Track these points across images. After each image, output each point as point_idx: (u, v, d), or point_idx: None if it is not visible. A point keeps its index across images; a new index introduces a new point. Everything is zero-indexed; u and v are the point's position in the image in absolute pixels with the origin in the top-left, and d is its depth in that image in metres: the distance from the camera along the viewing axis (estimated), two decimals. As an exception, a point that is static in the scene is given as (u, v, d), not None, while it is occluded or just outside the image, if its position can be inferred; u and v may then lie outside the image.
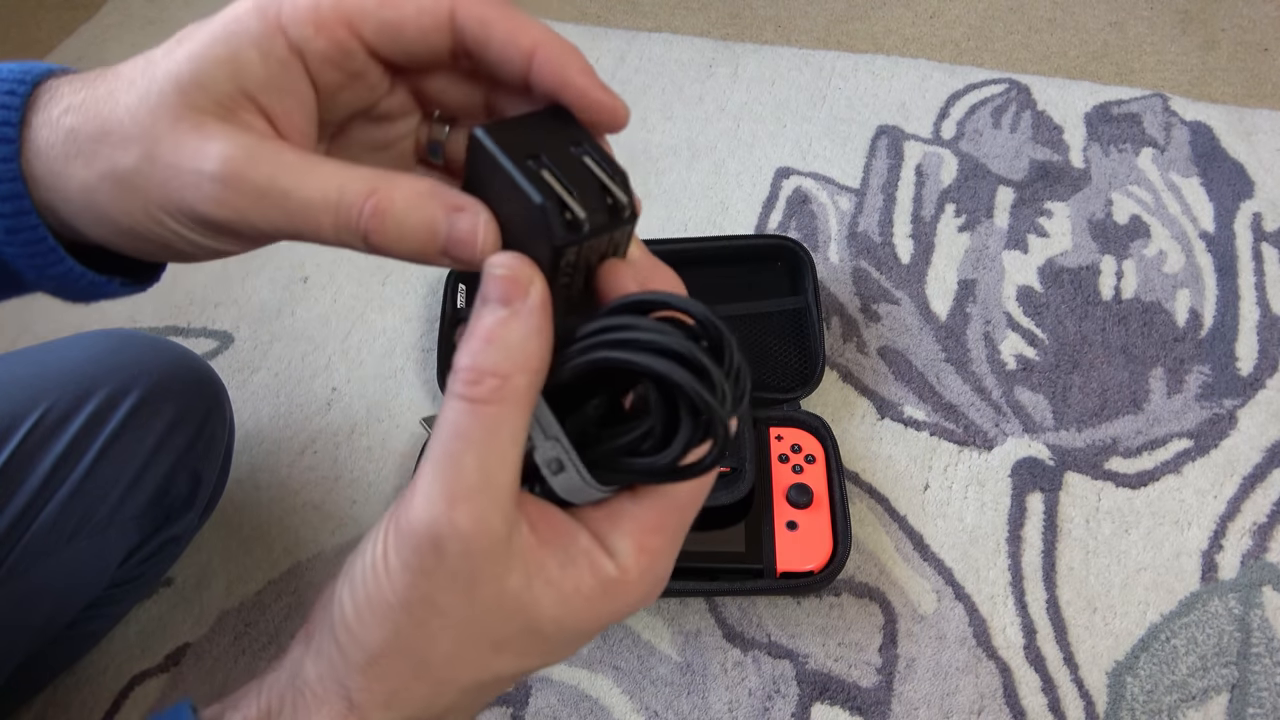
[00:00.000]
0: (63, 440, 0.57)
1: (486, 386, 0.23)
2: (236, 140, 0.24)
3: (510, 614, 0.25)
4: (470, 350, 0.24)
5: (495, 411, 0.23)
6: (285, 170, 0.24)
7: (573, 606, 0.25)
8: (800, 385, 0.79)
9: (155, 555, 0.67)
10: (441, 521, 0.23)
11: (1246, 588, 0.70)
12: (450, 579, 0.24)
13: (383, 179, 0.25)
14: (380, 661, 0.25)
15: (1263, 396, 0.80)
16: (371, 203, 0.24)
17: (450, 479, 0.23)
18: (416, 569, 0.24)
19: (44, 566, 0.56)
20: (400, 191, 0.24)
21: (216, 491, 0.73)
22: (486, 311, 0.24)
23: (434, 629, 0.24)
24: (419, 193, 0.25)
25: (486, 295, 0.24)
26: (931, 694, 0.67)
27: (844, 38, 1.17)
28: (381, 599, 0.24)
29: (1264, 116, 1.02)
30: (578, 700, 0.68)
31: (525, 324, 0.24)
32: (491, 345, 0.24)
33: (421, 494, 0.23)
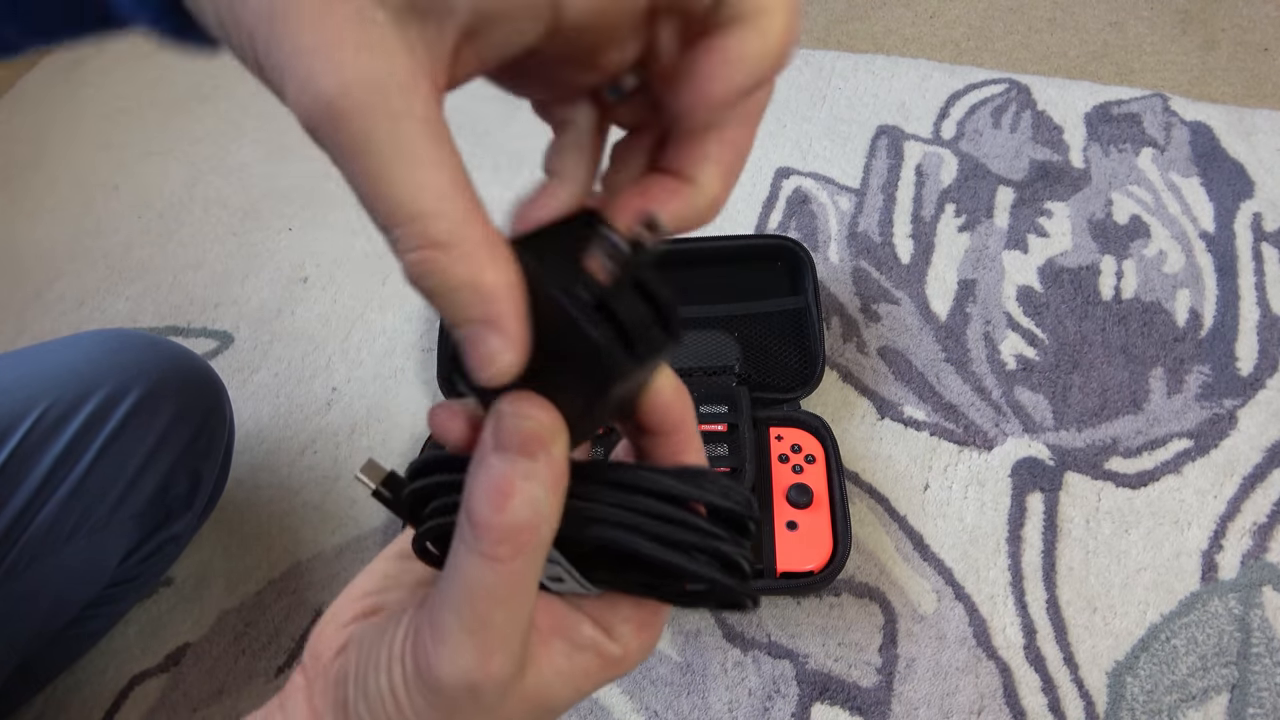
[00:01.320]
0: (62, 440, 0.57)
1: (510, 545, 0.23)
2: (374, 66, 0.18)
3: (528, 706, 0.26)
4: (492, 505, 0.22)
5: (519, 568, 0.23)
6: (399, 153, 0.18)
7: (579, 686, 0.26)
8: (800, 385, 0.79)
9: (154, 555, 0.67)
10: (476, 674, 0.24)
11: (1246, 588, 0.70)
12: (483, 709, 0.25)
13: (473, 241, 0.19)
14: None
15: (1263, 396, 0.80)
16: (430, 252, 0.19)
17: (481, 637, 0.23)
18: (448, 711, 0.24)
19: (43, 566, 0.56)
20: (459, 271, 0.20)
21: (216, 491, 0.73)
22: (504, 461, 0.22)
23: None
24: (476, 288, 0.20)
25: (503, 442, 0.22)
26: (931, 694, 0.67)
27: (844, 38, 1.17)
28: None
29: (1264, 116, 1.02)
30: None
31: (548, 477, 0.23)
32: (513, 503, 0.22)
33: (450, 649, 0.23)
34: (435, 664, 0.24)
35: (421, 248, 0.19)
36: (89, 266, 0.99)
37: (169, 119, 1.15)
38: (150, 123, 1.14)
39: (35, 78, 1.21)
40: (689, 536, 0.24)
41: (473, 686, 0.24)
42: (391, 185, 0.18)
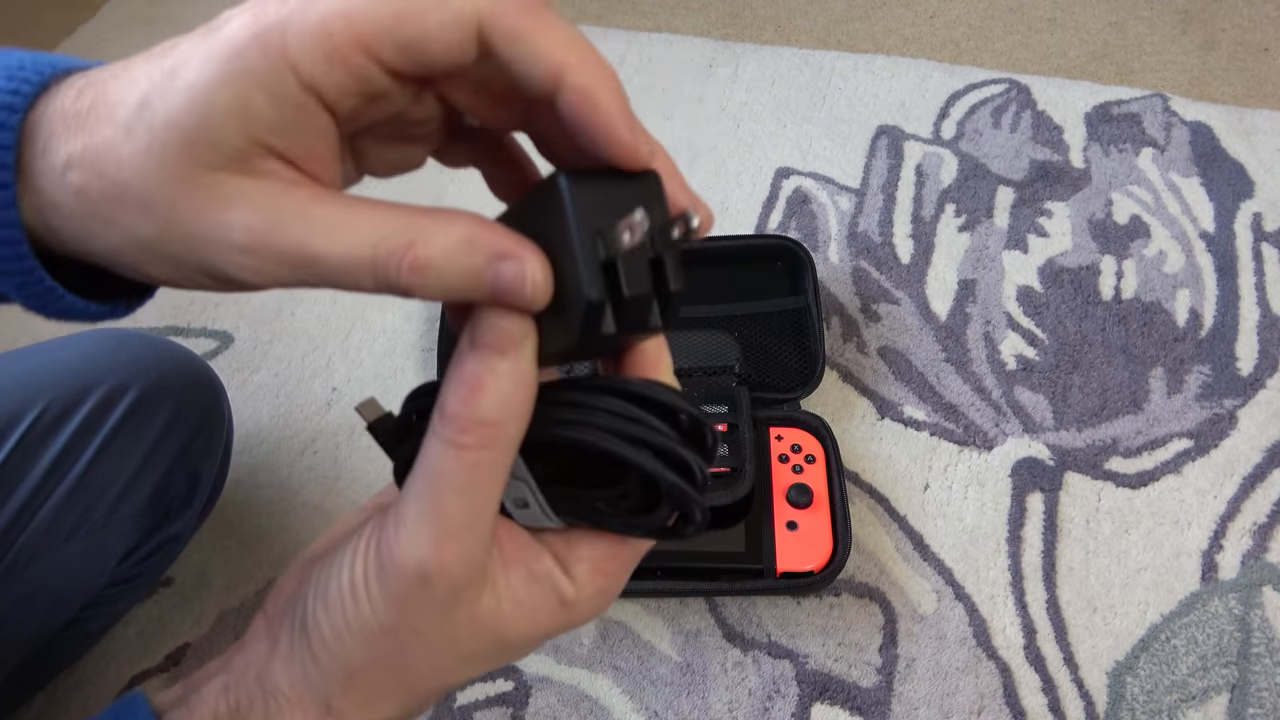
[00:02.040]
0: (61, 439, 0.57)
1: (475, 435, 0.24)
2: (258, 202, 0.22)
3: (482, 633, 0.26)
4: (460, 396, 0.23)
5: (481, 458, 0.24)
6: (315, 233, 0.22)
7: (535, 621, 0.27)
8: (800, 385, 0.79)
9: (154, 555, 0.67)
10: (430, 562, 0.24)
11: (1246, 588, 0.70)
12: (435, 609, 0.25)
13: (419, 227, 0.23)
14: (359, 676, 0.26)
15: (1263, 396, 0.80)
16: (409, 259, 0.22)
17: (437, 523, 0.24)
18: (401, 601, 0.25)
19: (42, 565, 0.56)
20: (438, 243, 0.22)
21: (215, 491, 0.73)
22: (477, 358, 0.24)
23: (413, 651, 0.26)
24: (459, 241, 0.23)
25: (478, 340, 0.24)
26: (931, 694, 0.67)
27: (844, 38, 1.17)
28: (362, 624, 0.26)
29: (1264, 116, 1.02)
30: (578, 700, 0.68)
31: (517, 376, 0.24)
32: (482, 394, 0.23)
33: (408, 533, 0.24)
34: (394, 548, 0.24)
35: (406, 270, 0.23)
36: (89, 266, 0.99)
37: (169, 119, 1.15)
38: (150, 122, 1.15)
39: (35, 77, 1.21)
40: (641, 432, 0.25)
41: (424, 575, 0.24)
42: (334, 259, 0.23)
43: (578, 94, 0.22)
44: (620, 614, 0.72)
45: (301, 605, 0.27)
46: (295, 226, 0.22)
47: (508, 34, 0.22)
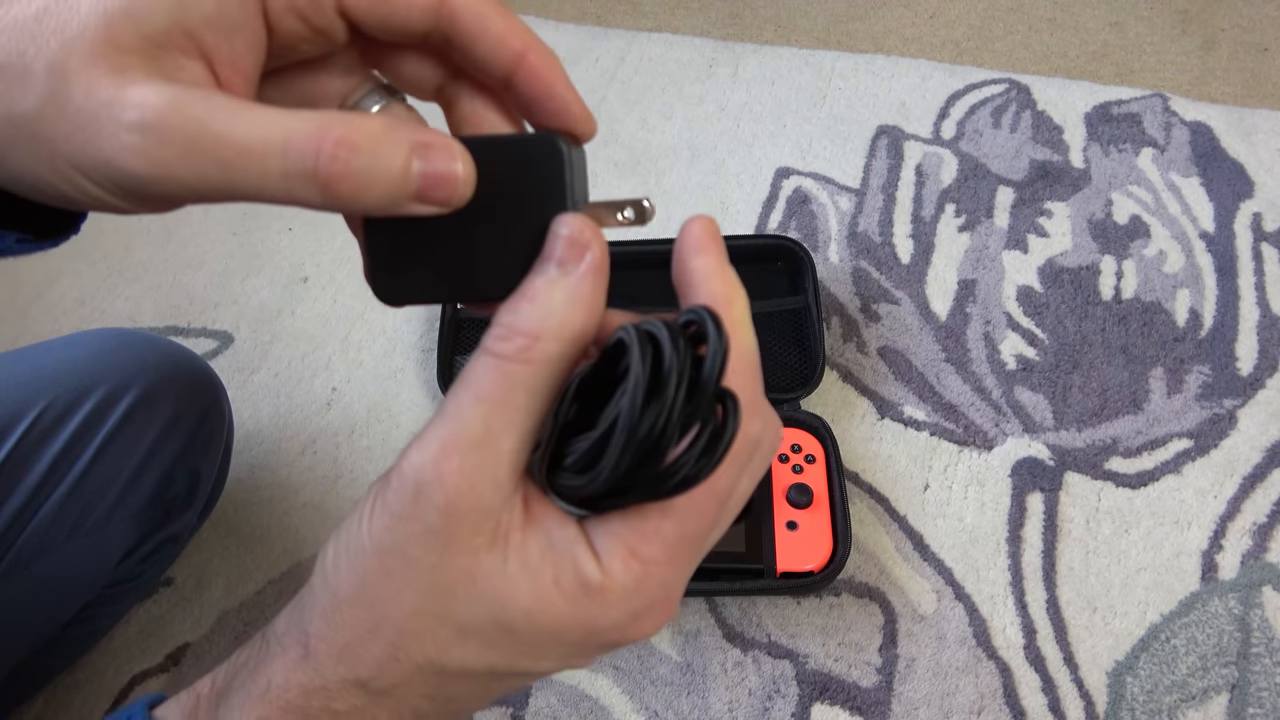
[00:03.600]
0: (61, 438, 0.57)
1: (514, 344, 0.22)
2: (160, 88, 0.20)
3: (479, 594, 0.23)
4: (509, 306, 0.23)
5: (516, 370, 0.22)
6: (219, 113, 0.20)
7: (547, 601, 0.23)
8: (800, 385, 0.79)
9: (154, 554, 0.67)
10: (428, 468, 0.22)
11: (1246, 588, 0.70)
12: (425, 532, 0.22)
13: (337, 117, 0.21)
14: (342, 608, 0.24)
15: (1263, 396, 0.80)
16: (330, 143, 0.20)
17: (451, 428, 0.22)
18: (393, 513, 0.23)
19: (42, 565, 0.56)
20: (361, 127, 0.21)
21: (216, 491, 0.73)
22: (538, 271, 0.24)
23: (398, 582, 0.23)
24: (383, 126, 0.21)
25: (546, 254, 0.24)
26: (931, 694, 0.67)
27: (844, 38, 1.17)
28: (358, 544, 0.23)
29: (1264, 116, 1.02)
30: (578, 700, 0.68)
31: (572, 289, 0.23)
32: (531, 304, 0.23)
33: (418, 440, 0.23)
34: (401, 458, 0.23)
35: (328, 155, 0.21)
36: (89, 266, 0.99)
37: (169, 119, 1.15)
38: (150, 123, 1.14)
39: (35, 77, 1.21)
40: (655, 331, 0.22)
41: (420, 484, 0.22)
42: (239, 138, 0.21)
43: (539, 71, 0.25)
44: (620, 614, 0.71)
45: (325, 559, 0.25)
46: (198, 107, 0.20)
47: (475, 16, 0.24)
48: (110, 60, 0.20)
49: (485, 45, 0.24)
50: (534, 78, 0.25)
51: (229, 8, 0.21)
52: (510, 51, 0.24)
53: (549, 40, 1.06)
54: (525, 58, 0.24)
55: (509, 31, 0.24)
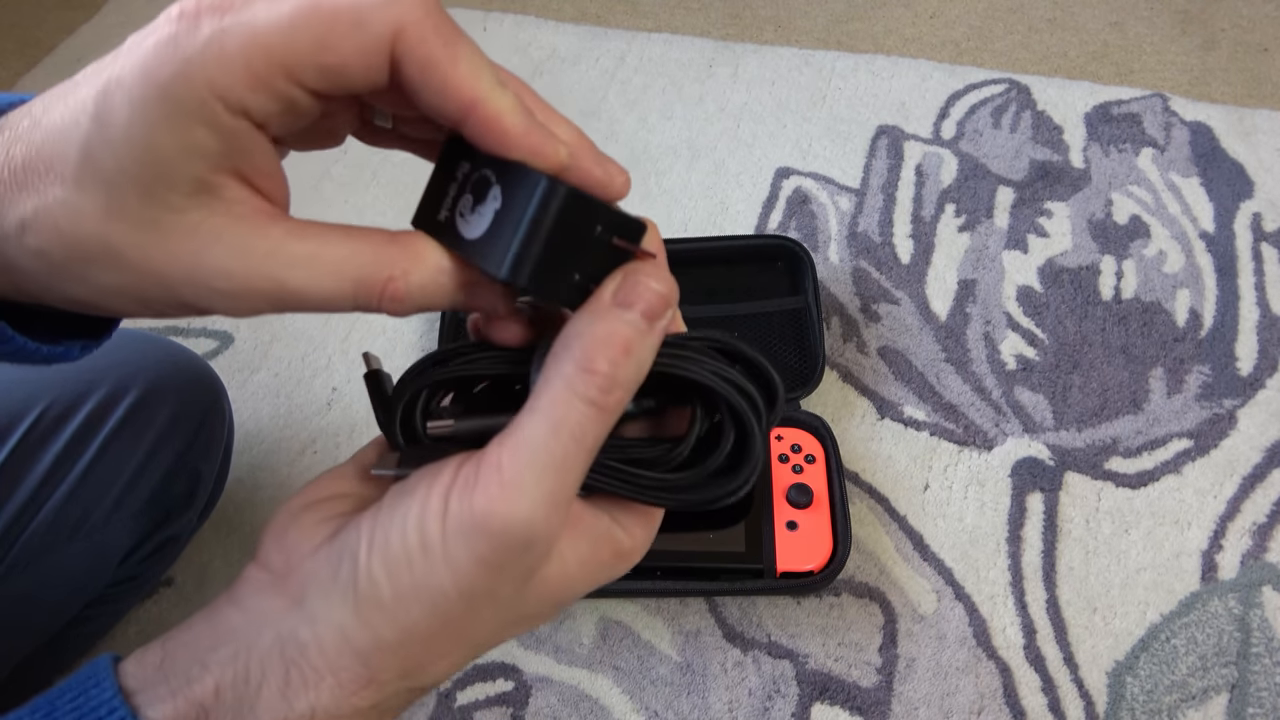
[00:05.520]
0: (62, 439, 0.57)
1: (616, 397, 0.24)
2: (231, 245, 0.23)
3: (547, 595, 0.26)
4: (610, 358, 0.24)
5: (608, 420, 0.24)
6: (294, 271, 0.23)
7: (593, 578, 0.27)
8: (800, 385, 0.79)
9: (155, 554, 0.67)
10: (540, 525, 0.23)
11: (1246, 588, 0.70)
12: (521, 575, 0.24)
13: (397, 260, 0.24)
14: (414, 642, 0.24)
15: (1263, 396, 0.80)
16: (391, 290, 0.24)
17: (560, 484, 0.23)
18: (493, 567, 0.23)
19: (44, 565, 0.56)
20: (416, 277, 0.24)
21: (216, 491, 0.73)
22: (628, 321, 0.24)
23: (482, 615, 0.25)
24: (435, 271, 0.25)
25: (631, 302, 0.24)
26: (931, 694, 0.67)
27: (844, 38, 1.17)
28: (436, 586, 0.24)
29: (1264, 116, 1.02)
30: (578, 700, 0.68)
31: (655, 344, 0.25)
32: (630, 359, 0.24)
33: (527, 493, 0.23)
34: (501, 506, 0.23)
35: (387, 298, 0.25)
36: (89, 266, 0.99)
37: (169, 119, 1.15)
38: (150, 123, 1.15)
39: (35, 78, 1.21)
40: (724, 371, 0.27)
41: (530, 538, 0.23)
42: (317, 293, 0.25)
43: (484, 127, 0.23)
44: (620, 614, 0.72)
45: (349, 560, 0.25)
46: (272, 265, 0.23)
47: (420, 65, 0.23)
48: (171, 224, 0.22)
49: (428, 99, 0.23)
50: (483, 130, 0.23)
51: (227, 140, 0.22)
52: (455, 107, 0.23)
53: (548, 41, 1.06)
54: (469, 115, 0.23)
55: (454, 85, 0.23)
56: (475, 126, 0.23)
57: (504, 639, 0.27)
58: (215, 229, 0.22)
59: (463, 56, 0.23)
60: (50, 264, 0.23)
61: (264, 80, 0.22)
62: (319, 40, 0.22)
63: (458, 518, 0.23)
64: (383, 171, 1.04)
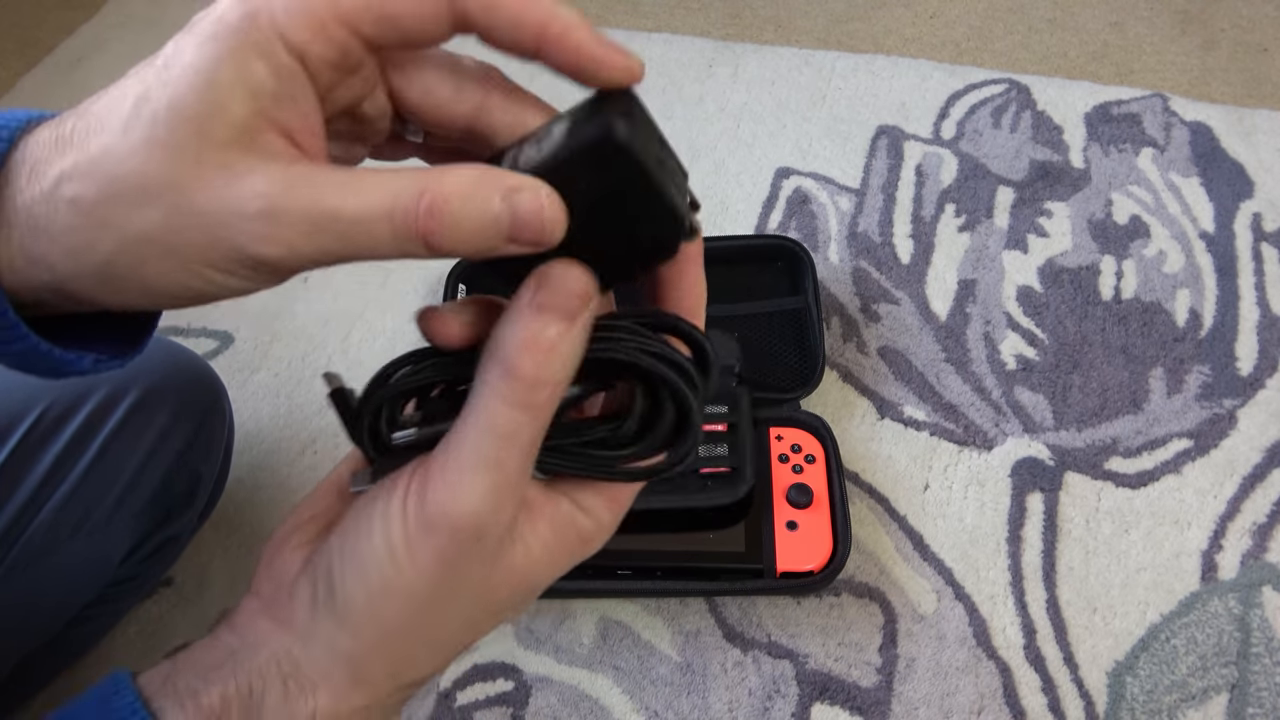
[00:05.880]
0: (62, 439, 0.57)
1: (542, 395, 0.25)
2: (269, 173, 0.23)
3: (514, 582, 0.27)
4: (535, 360, 0.24)
5: (540, 416, 0.25)
6: (330, 191, 0.23)
7: (559, 563, 0.28)
8: (800, 385, 0.79)
9: (155, 554, 0.67)
10: (487, 515, 0.25)
11: (1246, 588, 0.70)
12: (480, 564, 0.26)
13: (430, 176, 0.23)
14: (393, 640, 0.26)
15: (1262, 396, 0.80)
16: (425, 202, 0.23)
17: (498, 479, 0.25)
18: (452, 560, 0.25)
19: (44, 565, 0.56)
20: (451, 183, 0.23)
21: (216, 491, 0.73)
22: (546, 320, 0.25)
23: (453, 610, 0.26)
24: (471, 179, 0.24)
25: (549, 304, 0.25)
26: (931, 694, 0.67)
27: (844, 38, 1.17)
28: (404, 587, 0.25)
29: (1264, 116, 1.02)
30: (578, 700, 0.68)
31: (580, 338, 0.25)
32: (555, 358, 0.25)
33: (466, 489, 0.24)
34: (448, 504, 0.24)
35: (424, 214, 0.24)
36: (89, 266, 0.99)
37: (169, 119, 1.15)
38: (150, 123, 1.15)
39: (35, 77, 1.21)
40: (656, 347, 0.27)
41: (480, 529, 0.25)
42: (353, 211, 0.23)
43: (560, 47, 0.25)
44: (620, 614, 0.72)
45: (324, 576, 0.26)
46: (310, 188, 0.23)
47: (483, 5, 0.24)
48: (213, 158, 0.22)
49: (500, 33, 0.24)
50: (559, 51, 0.25)
51: (285, 82, 0.23)
52: (529, 33, 0.24)
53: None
54: (545, 33, 0.24)
55: (522, 9, 0.24)
56: (551, 49, 0.24)
57: (485, 631, 0.28)
58: (251, 164, 0.23)
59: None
60: (80, 212, 0.23)
61: (326, 26, 0.23)
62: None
63: (414, 519, 0.25)
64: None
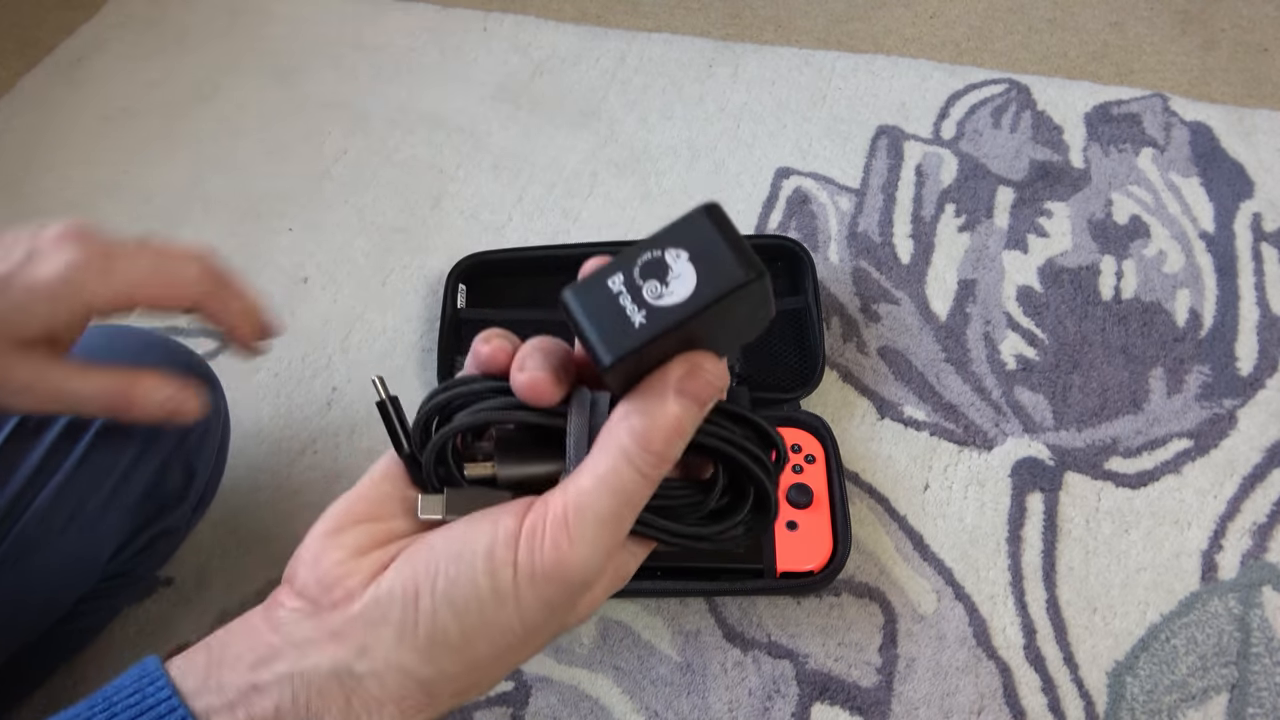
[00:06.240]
0: (54, 430, 0.57)
1: (665, 469, 0.28)
2: (31, 367, 0.44)
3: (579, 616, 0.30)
4: (665, 438, 0.27)
5: (655, 486, 0.28)
6: (69, 380, 0.46)
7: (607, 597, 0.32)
8: (800, 385, 0.79)
9: (147, 549, 0.67)
10: (597, 571, 0.28)
11: (1246, 588, 0.70)
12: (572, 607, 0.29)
13: (126, 380, 0.48)
14: (478, 670, 0.28)
15: (1262, 396, 0.80)
16: (124, 399, 0.47)
17: (617, 538, 0.28)
18: (555, 606, 0.27)
19: (34, 559, 0.56)
20: (140, 389, 0.48)
21: (211, 487, 0.72)
22: (684, 406, 0.27)
23: (535, 643, 0.29)
24: (157, 384, 0.49)
25: (692, 392, 0.28)
26: (931, 694, 0.67)
27: (844, 38, 1.17)
28: (505, 625, 0.27)
29: (1264, 116, 1.02)
30: (578, 700, 0.68)
31: (700, 421, 0.28)
32: (681, 439, 0.28)
33: (590, 547, 0.27)
34: (569, 558, 0.27)
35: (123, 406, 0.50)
36: (89, 266, 0.99)
37: (169, 119, 1.15)
38: (150, 123, 1.14)
39: (35, 77, 1.21)
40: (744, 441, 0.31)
41: (590, 583, 0.28)
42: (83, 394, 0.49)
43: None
44: (620, 614, 0.72)
45: (405, 605, 0.27)
46: (54, 376, 0.45)
47: (213, 314, 0.50)
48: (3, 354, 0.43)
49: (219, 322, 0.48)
50: None
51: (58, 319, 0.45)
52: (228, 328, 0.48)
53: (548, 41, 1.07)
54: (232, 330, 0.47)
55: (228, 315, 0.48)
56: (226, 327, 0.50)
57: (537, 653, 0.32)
58: (22, 359, 0.44)
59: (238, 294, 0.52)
60: None
61: (111, 303, 0.46)
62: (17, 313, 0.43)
63: (529, 567, 0.27)
64: (383, 171, 1.04)
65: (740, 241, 0.26)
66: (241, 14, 1.27)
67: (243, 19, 1.26)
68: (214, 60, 1.21)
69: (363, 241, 0.99)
